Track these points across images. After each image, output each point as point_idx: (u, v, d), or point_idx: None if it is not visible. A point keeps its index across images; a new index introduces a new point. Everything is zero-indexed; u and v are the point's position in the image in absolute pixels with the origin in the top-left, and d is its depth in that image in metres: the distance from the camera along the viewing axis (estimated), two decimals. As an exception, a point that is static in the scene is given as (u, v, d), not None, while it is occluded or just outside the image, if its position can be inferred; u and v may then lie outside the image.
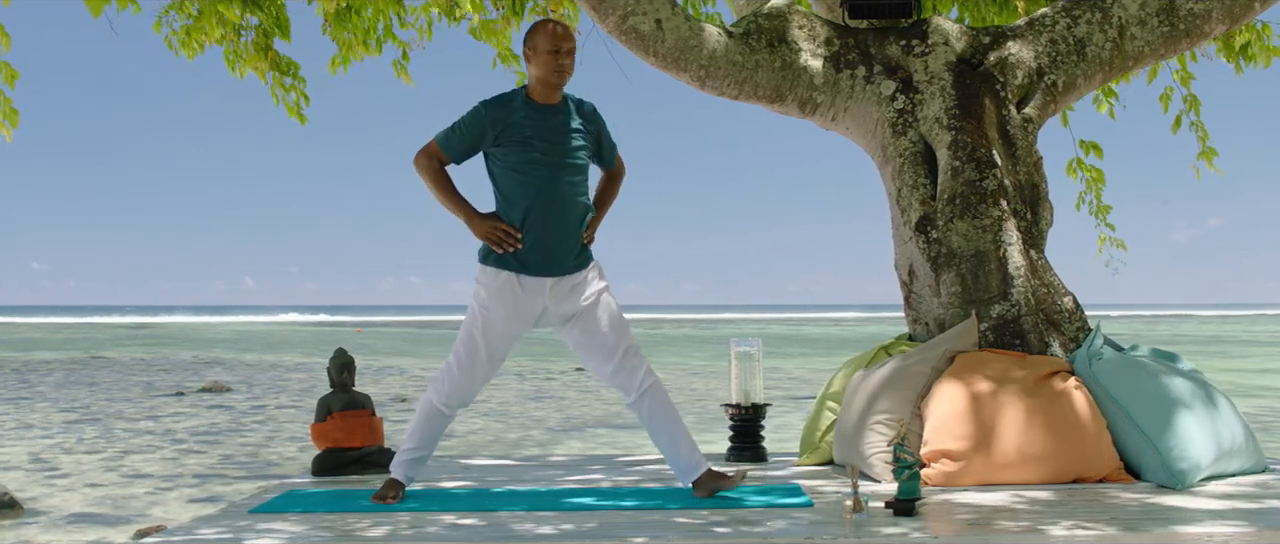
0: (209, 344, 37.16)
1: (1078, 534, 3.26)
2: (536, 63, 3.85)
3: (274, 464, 10.54)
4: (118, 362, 27.00)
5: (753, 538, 3.26)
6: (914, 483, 3.57)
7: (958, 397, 4.21)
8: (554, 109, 3.89)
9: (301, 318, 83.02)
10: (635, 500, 3.89)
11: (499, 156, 3.85)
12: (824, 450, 4.77)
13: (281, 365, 25.28)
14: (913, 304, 5.02)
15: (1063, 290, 4.86)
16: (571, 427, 13.17)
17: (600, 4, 4.80)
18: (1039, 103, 5.11)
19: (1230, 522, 3.40)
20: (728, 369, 5.00)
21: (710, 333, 48.26)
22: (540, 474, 4.62)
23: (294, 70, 7.11)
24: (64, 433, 12.82)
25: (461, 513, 3.68)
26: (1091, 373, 4.31)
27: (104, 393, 18.18)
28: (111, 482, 9.50)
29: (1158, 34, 5.16)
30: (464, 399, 3.93)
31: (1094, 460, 4.15)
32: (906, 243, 5.00)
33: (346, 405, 4.70)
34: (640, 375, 3.88)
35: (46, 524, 7.70)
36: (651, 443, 4.03)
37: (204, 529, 3.44)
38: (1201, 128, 7.53)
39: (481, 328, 3.85)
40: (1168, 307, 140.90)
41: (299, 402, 16.62)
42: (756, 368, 4.95)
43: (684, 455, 3.92)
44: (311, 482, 4.50)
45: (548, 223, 3.82)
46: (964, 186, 4.82)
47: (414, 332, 49.91)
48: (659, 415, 3.90)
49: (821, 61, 5.03)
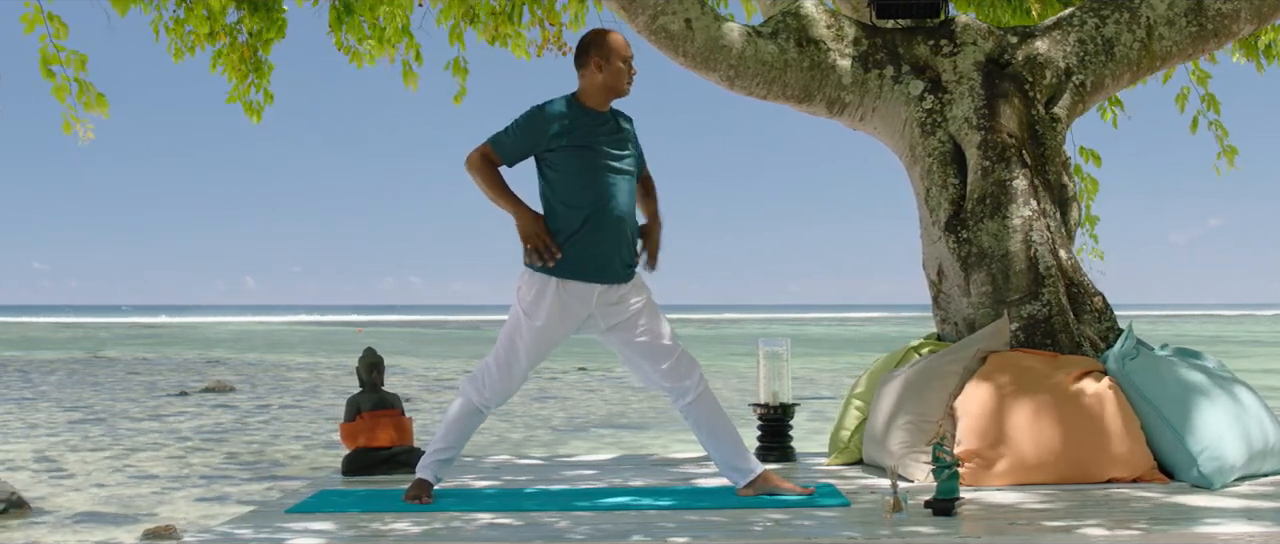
0: (210, 344, 37.15)
1: (1119, 534, 3.25)
2: (607, 71, 3.82)
3: (280, 464, 10.54)
4: (120, 361, 26.99)
5: (795, 537, 3.25)
6: (953, 482, 3.56)
7: (991, 396, 4.20)
8: (604, 116, 3.87)
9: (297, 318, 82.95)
10: (669, 500, 3.89)
11: (556, 161, 3.81)
12: (852, 450, 4.76)
13: (284, 365, 25.27)
14: (941, 304, 5.01)
15: (1092, 290, 4.86)
16: (576, 427, 13.18)
17: (630, 4, 4.79)
18: (1067, 103, 5.10)
19: (1263, 522, 3.39)
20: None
21: (712, 333, 48.27)
22: (568, 474, 4.61)
23: (268, 71, 6.89)
24: (69, 432, 12.81)
25: (497, 513, 3.67)
26: (1124, 373, 4.31)
27: (107, 393, 18.16)
28: (118, 481, 9.50)
29: (1186, 34, 5.16)
30: (501, 398, 3.92)
31: (1128, 461, 4.14)
32: (935, 243, 5.00)
33: (376, 405, 4.69)
34: (693, 380, 3.87)
35: (54, 524, 7.69)
36: (701, 446, 4.01)
37: (243, 529, 3.44)
38: (1221, 127, 7.54)
39: (523, 331, 3.84)
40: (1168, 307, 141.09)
41: (302, 401, 16.61)
42: (784, 368, 4.94)
43: (735, 459, 3.91)
44: (342, 481, 4.49)
45: (604, 230, 3.79)
46: (994, 186, 4.82)
47: (414, 331, 49.90)
48: (710, 419, 3.90)
49: (850, 61, 5.03)
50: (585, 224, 3.77)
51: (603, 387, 18.34)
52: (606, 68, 3.82)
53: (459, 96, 7.00)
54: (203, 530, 3.43)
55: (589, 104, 3.86)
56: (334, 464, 10.57)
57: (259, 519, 3.62)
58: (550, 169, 3.84)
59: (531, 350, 3.86)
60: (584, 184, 3.78)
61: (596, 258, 3.79)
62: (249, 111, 6.86)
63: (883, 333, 48.27)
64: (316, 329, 54.46)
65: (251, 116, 6.88)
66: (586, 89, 3.87)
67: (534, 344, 3.85)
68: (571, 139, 3.78)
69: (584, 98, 3.87)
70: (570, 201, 3.79)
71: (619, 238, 3.82)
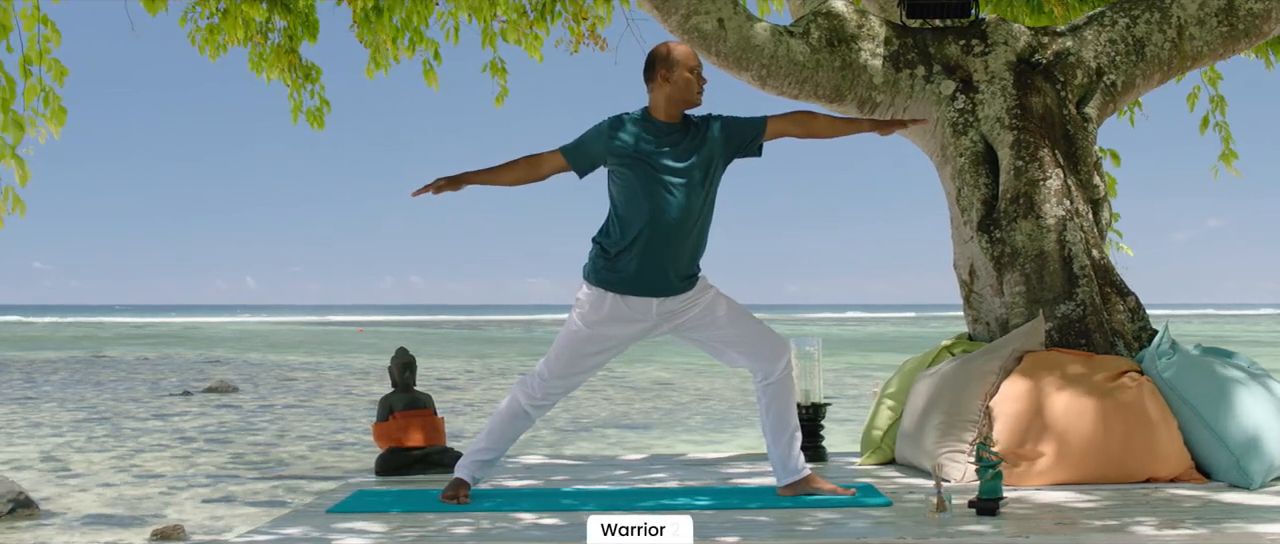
0: (211, 343, 37.07)
1: (1166, 534, 3.25)
2: (674, 82, 3.80)
3: (286, 464, 10.51)
4: (122, 361, 26.91)
5: (844, 538, 3.24)
6: (996, 482, 3.56)
7: (1028, 396, 4.20)
8: (672, 128, 3.84)
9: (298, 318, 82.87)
10: (708, 499, 3.88)
11: (615, 175, 3.82)
12: (884, 450, 4.76)
13: (286, 365, 25.22)
14: (973, 304, 5.01)
15: (1126, 290, 4.87)
16: (580, 427, 13.15)
17: (663, 3, 4.79)
18: (1098, 102, 5.10)
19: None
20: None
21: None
22: (604, 474, 4.60)
23: (316, 75, 7.06)
24: (73, 432, 12.77)
25: (540, 513, 3.66)
26: (1161, 372, 4.31)
27: (110, 392, 18.12)
28: (124, 482, 9.47)
29: (1217, 34, 5.16)
30: (549, 403, 3.93)
31: (1166, 460, 4.14)
32: (967, 242, 4.99)
33: (408, 405, 4.68)
34: (780, 364, 3.87)
35: (62, 525, 7.67)
36: (762, 430, 4.00)
37: (291, 528, 3.43)
38: (1226, 129, 7.54)
39: (579, 341, 3.84)
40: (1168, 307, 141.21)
41: (306, 401, 16.57)
42: (816, 367, 4.94)
43: (788, 456, 3.92)
44: (375, 481, 4.48)
45: (658, 244, 3.76)
46: (1027, 186, 4.82)
47: (415, 331, 49.83)
48: (780, 407, 3.90)
49: (881, 61, 5.02)
50: (640, 238, 3.76)
51: (605, 387, 18.31)
52: (673, 79, 3.80)
53: (500, 98, 7.02)
54: (251, 530, 3.41)
55: (659, 117, 3.85)
56: (340, 464, 10.64)
57: (303, 520, 3.61)
58: (611, 182, 3.85)
59: (586, 360, 3.87)
60: (639, 199, 3.76)
61: (652, 272, 3.78)
62: (312, 120, 7.05)
63: (882, 333, 48.32)
64: (317, 329, 54.37)
65: (314, 124, 7.07)
66: (655, 102, 3.86)
67: (588, 354, 3.86)
68: (628, 154, 3.77)
69: (654, 111, 3.86)
70: (627, 215, 3.79)
71: (675, 251, 3.79)
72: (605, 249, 3.84)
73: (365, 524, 3.50)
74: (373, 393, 17.79)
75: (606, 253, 3.83)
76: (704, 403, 16.11)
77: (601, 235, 3.87)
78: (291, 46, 6.83)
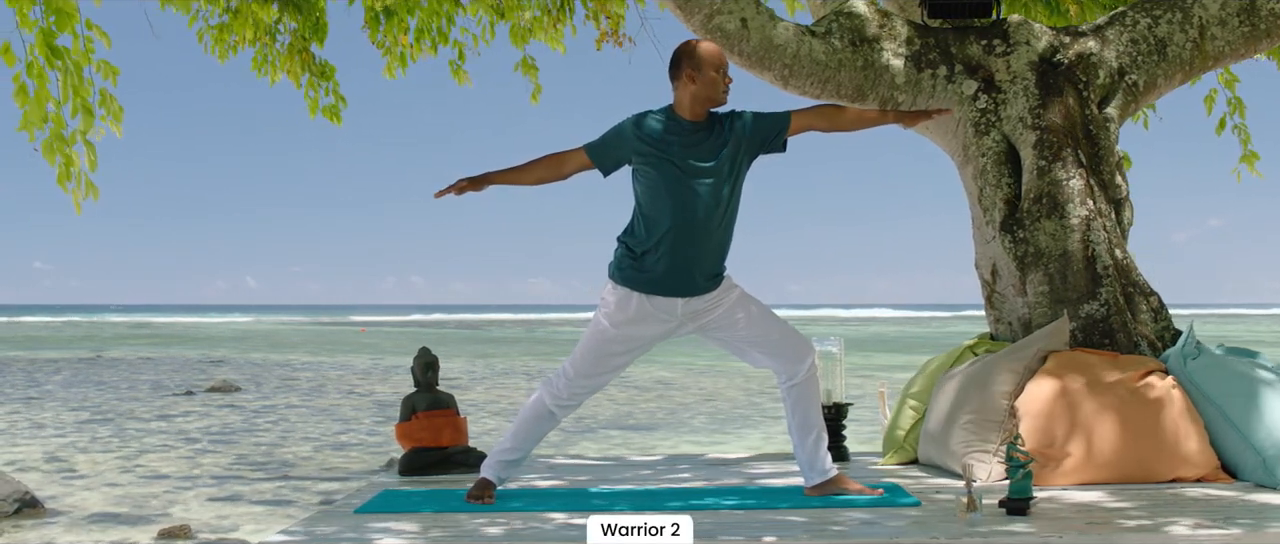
0: (213, 343, 37.03)
1: (1199, 534, 3.25)
2: (701, 82, 3.76)
3: (290, 464, 10.49)
4: (124, 361, 26.88)
5: (879, 537, 3.24)
6: (1027, 482, 3.55)
7: (1054, 396, 4.20)
8: (696, 126, 3.81)
9: (298, 318, 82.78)
10: (736, 499, 3.87)
11: (639, 174, 3.80)
12: (907, 450, 4.76)
13: (288, 365, 25.19)
14: (995, 304, 5.01)
15: (1148, 290, 4.87)
16: (584, 428, 13.12)
17: (686, 3, 4.78)
18: (1120, 102, 5.10)
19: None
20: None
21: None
22: (627, 474, 4.60)
23: (330, 73, 7.07)
24: (77, 432, 12.75)
25: (570, 513, 3.65)
26: (1186, 372, 4.31)
27: (113, 392, 18.09)
28: (129, 481, 9.46)
29: (1238, 34, 5.16)
30: (575, 403, 3.91)
31: (1192, 461, 4.14)
32: (989, 242, 4.99)
33: (431, 405, 4.67)
34: (804, 366, 3.86)
35: (68, 524, 7.66)
36: (788, 431, 3.99)
37: (324, 527, 3.42)
38: (1245, 131, 7.55)
39: (604, 340, 3.83)
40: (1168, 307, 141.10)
41: (309, 401, 16.55)
42: (838, 367, 4.93)
43: (815, 456, 3.91)
44: (399, 481, 4.47)
45: (682, 244, 3.74)
46: (1050, 186, 4.82)
47: (416, 331, 49.79)
48: (804, 408, 3.89)
49: (903, 61, 5.02)
50: (666, 237, 3.74)
51: (608, 386, 18.31)
52: (699, 78, 3.76)
53: (536, 95, 7.02)
54: (283, 531, 3.40)
55: (683, 115, 3.81)
56: (344, 464, 10.62)
57: (333, 520, 3.60)
58: (636, 181, 3.83)
59: (612, 359, 3.86)
60: (663, 198, 3.73)
61: (678, 271, 3.76)
62: (330, 115, 7.07)
63: (882, 333, 48.32)
64: (318, 329, 54.31)
65: (332, 119, 7.10)
66: (681, 100, 3.82)
67: (614, 353, 3.84)
68: (651, 153, 3.74)
69: (679, 109, 3.82)
70: (651, 215, 3.77)
71: (701, 250, 3.76)
72: (631, 249, 3.82)
73: (398, 524, 3.49)
74: (376, 393, 17.78)
75: (632, 252, 3.81)
76: (707, 403, 16.10)
77: (627, 235, 3.85)
78: (304, 46, 6.84)
